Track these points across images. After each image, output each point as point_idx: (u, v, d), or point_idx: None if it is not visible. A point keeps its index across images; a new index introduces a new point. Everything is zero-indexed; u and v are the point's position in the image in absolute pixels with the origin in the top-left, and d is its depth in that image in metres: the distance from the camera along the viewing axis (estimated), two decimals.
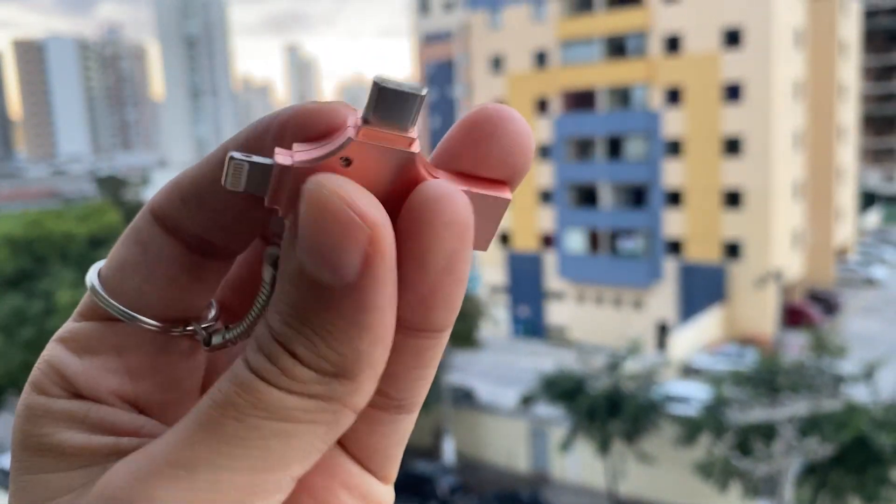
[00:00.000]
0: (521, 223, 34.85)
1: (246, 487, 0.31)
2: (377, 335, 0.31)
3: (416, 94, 0.31)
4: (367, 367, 0.31)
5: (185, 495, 0.30)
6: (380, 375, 0.32)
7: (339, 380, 0.31)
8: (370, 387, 0.32)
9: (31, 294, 20.45)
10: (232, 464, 0.30)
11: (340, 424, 0.32)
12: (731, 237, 29.89)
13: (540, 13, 33.41)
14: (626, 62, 31.41)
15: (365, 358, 0.31)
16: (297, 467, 0.32)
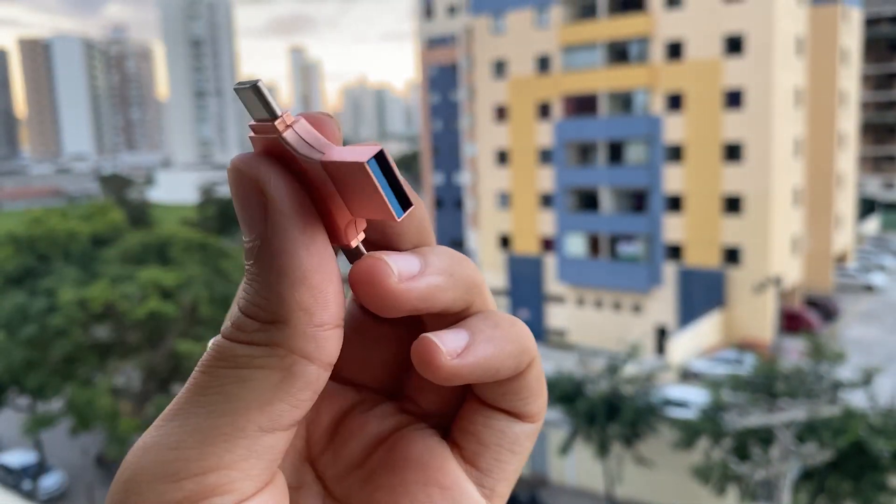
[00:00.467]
0: (522, 226, 34.96)
1: (208, 430, 0.35)
2: (294, 278, 0.35)
3: (250, 85, 0.36)
4: (297, 310, 0.35)
5: (160, 439, 0.35)
6: (327, 323, 0.36)
7: (275, 325, 0.36)
8: (316, 333, 0.36)
9: (33, 292, 20.53)
10: (198, 409, 0.35)
11: (295, 373, 0.36)
12: (730, 243, 29.97)
13: (543, 19, 33.55)
14: (627, 68, 31.52)
15: (289, 301, 0.35)
16: (257, 414, 0.35)
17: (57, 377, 19.73)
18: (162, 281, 19.02)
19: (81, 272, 21.20)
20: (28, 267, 21.90)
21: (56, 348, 19.16)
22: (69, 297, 18.68)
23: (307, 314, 0.35)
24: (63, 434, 22.88)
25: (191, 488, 0.34)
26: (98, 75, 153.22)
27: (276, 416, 0.35)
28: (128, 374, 21.70)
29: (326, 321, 0.36)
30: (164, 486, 0.34)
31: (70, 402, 19.13)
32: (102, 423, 18.90)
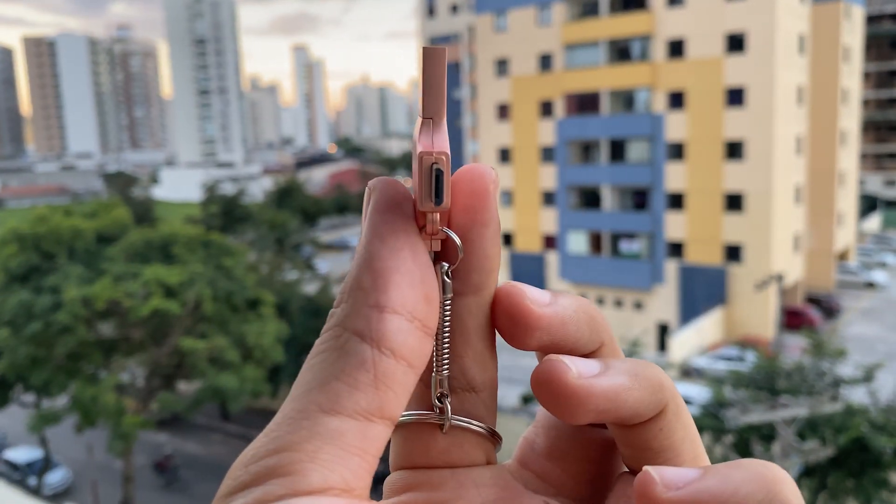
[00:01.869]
0: (524, 224, 35.05)
1: (279, 414, 0.37)
2: (361, 262, 0.38)
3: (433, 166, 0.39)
4: (356, 289, 0.37)
5: (284, 409, 0.36)
6: (384, 306, 0.37)
7: (339, 307, 0.38)
8: (370, 312, 0.37)
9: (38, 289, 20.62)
10: (298, 390, 0.37)
11: (347, 350, 0.36)
12: (732, 240, 30.02)
13: (545, 17, 33.61)
14: (629, 66, 31.58)
15: (351, 283, 0.38)
16: (316, 394, 0.36)
17: (62, 374, 19.83)
18: (166, 278, 19.10)
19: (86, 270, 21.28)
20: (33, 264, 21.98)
21: (61, 345, 19.25)
22: (74, 295, 18.77)
23: (364, 293, 0.37)
24: (68, 430, 23.03)
25: (255, 471, 0.35)
26: (102, 74, 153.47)
27: (334, 396, 0.35)
28: (132, 371, 21.84)
29: (383, 303, 0.36)
30: (238, 470, 0.35)
31: (75, 398, 19.25)
32: (107, 419, 19.02)
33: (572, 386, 0.38)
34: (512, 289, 0.40)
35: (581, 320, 0.41)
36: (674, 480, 0.37)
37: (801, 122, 31.79)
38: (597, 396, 0.38)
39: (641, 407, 0.40)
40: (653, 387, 0.40)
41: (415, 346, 0.37)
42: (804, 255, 33.49)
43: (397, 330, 0.36)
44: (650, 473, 0.37)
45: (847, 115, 38.09)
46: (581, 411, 0.38)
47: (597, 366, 0.40)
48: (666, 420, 0.41)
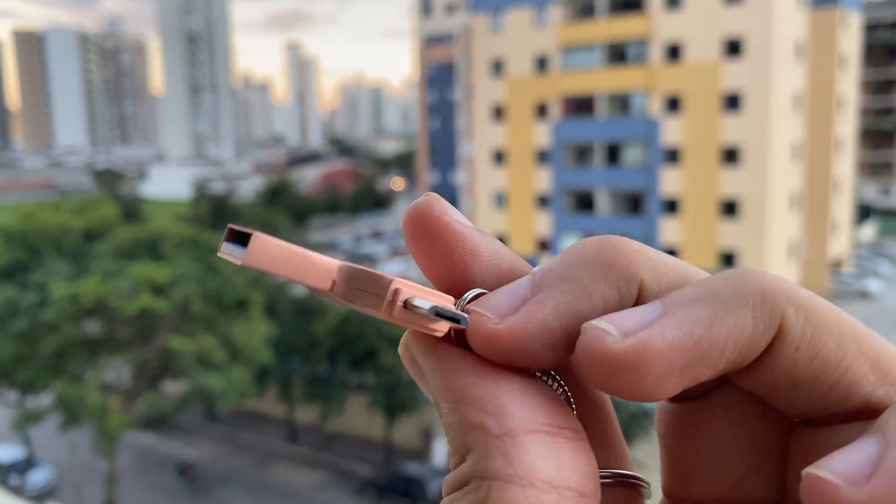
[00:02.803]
0: (518, 227, 34.86)
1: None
2: (455, 403, 0.30)
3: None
4: (471, 431, 0.30)
5: None
6: (513, 429, 0.29)
7: (463, 460, 0.30)
8: (502, 445, 0.28)
9: (24, 286, 20.34)
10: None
11: (493, 500, 0.28)
12: (727, 246, 29.92)
13: (542, 18, 33.43)
14: (626, 69, 31.44)
15: (461, 428, 0.31)
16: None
17: (46, 372, 19.55)
18: (154, 276, 18.84)
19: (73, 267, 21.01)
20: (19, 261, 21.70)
21: (46, 343, 18.98)
22: (62, 293, 18.49)
23: (483, 430, 0.28)
24: (53, 430, 22.68)
25: None
26: (92, 68, 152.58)
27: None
28: (118, 370, 21.52)
29: (511, 426, 0.28)
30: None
31: (59, 397, 18.95)
32: (92, 419, 18.72)
33: (618, 353, 0.27)
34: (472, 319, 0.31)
35: (591, 283, 0.30)
36: (854, 470, 0.24)
37: (797, 129, 31.74)
38: (662, 352, 0.27)
39: (744, 337, 0.28)
40: (750, 301, 0.28)
41: (575, 462, 0.28)
42: (799, 263, 33.42)
43: (546, 452, 0.27)
44: (817, 476, 0.25)
45: (843, 122, 38.09)
46: (650, 383, 0.27)
47: (651, 311, 0.28)
48: (795, 336, 0.28)
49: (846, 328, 0.28)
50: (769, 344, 0.28)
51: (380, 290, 0.30)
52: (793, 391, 0.29)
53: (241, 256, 0.29)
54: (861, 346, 0.28)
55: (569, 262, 0.31)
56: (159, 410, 20.63)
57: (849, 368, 0.28)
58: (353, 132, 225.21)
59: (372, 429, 23.93)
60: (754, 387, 0.30)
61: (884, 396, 0.28)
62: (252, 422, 25.93)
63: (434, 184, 45.60)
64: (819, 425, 0.30)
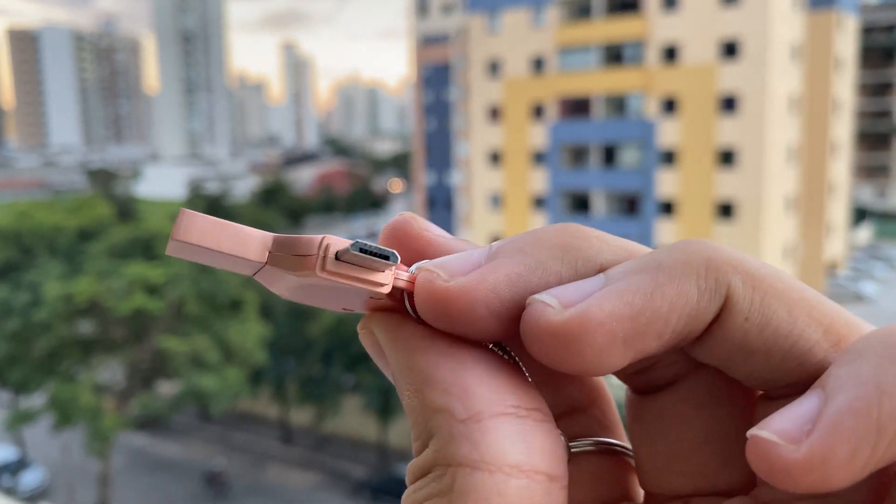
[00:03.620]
0: (514, 228, 34.79)
1: None
2: (418, 384, 0.30)
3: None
4: (434, 415, 0.29)
5: None
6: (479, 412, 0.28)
7: (426, 446, 0.30)
8: (466, 428, 0.28)
9: (17, 285, 20.23)
10: None
11: (459, 489, 0.27)
12: None
13: (539, 19, 33.38)
14: (622, 70, 31.41)
15: (424, 411, 0.30)
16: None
17: (40, 372, 19.43)
18: (148, 276, 18.75)
19: (67, 266, 20.91)
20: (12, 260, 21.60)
21: (39, 343, 18.87)
22: (55, 293, 18.39)
23: (447, 414, 0.27)
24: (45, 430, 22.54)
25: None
26: (87, 67, 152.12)
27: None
28: (112, 371, 21.41)
29: (477, 410, 0.27)
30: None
31: (52, 397, 18.83)
32: (85, 419, 18.61)
33: (557, 324, 0.26)
34: (420, 275, 0.30)
35: (547, 260, 0.29)
36: (793, 427, 0.24)
37: (793, 132, 31.75)
38: (602, 324, 0.26)
39: (688, 307, 0.27)
40: (693, 271, 0.27)
41: (545, 444, 0.27)
42: (795, 266, 33.42)
43: (513, 435, 0.26)
44: (758, 436, 0.24)
45: (839, 125, 38.13)
46: (592, 354, 0.26)
47: (591, 283, 0.27)
48: (743, 305, 0.27)
49: (796, 295, 0.27)
50: (717, 314, 0.27)
51: (312, 248, 0.29)
52: (748, 362, 0.28)
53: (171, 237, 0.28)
54: (812, 312, 0.27)
55: (528, 239, 0.30)
56: (153, 411, 20.52)
57: (801, 336, 0.27)
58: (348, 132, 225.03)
59: (366, 430, 23.86)
60: (710, 359, 0.29)
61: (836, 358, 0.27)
62: (246, 423, 25.83)
63: (430, 184, 45.50)
64: (779, 397, 0.29)
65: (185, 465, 23.39)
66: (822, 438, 0.23)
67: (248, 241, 0.29)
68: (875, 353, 0.24)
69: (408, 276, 0.30)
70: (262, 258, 0.30)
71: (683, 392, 0.31)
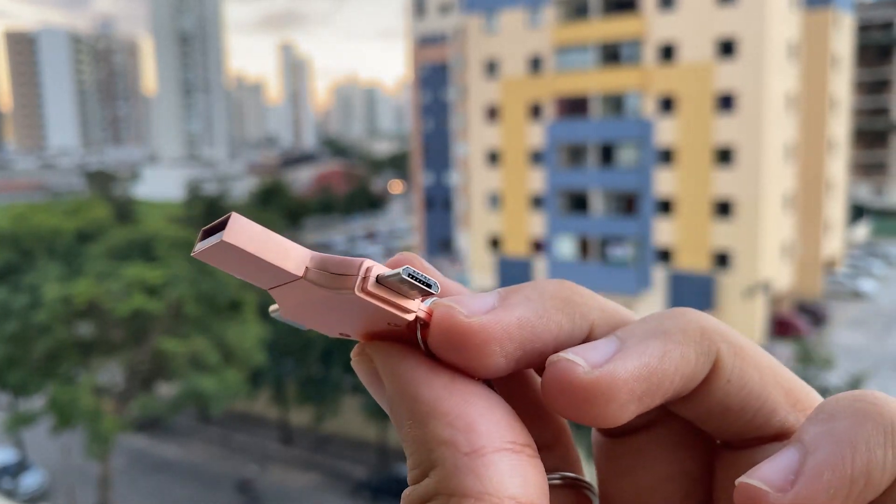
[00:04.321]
0: (512, 228, 34.80)
1: None
2: (422, 416, 0.31)
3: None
4: (439, 447, 0.31)
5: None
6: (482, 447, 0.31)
7: (428, 476, 0.32)
8: (471, 462, 0.30)
9: (16, 288, 20.21)
10: None
11: None
12: (720, 247, 29.92)
13: (535, 19, 33.39)
14: (620, 70, 31.42)
15: (428, 442, 0.32)
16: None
17: (39, 374, 19.42)
18: (147, 278, 18.74)
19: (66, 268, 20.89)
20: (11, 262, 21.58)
21: (39, 345, 18.86)
22: (54, 295, 18.37)
23: (452, 447, 0.29)
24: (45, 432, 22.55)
25: None
26: (85, 69, 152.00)
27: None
28: (111, 372, 21.40)
29: (480, 444, 0.29)
30: None
31: (52, 399, 18.83)
32: (84, 421, 18.60)
33: (586, 382, 0.29)
34: (442, 310, 0.32)
35: (551, 310, 0.33)
36: (779, 477, 0.28)
37: (790, 130, 31.77)
38: (625, 383, 0.30)
39: (688, 369, 0.31)
40: (692, 338, 0.32)
41: (536, 479, 0.30)
42: (792, 264, 33.46)
43: (511, 470, 0.29)
44: (748, 484, 0.28)
45: (836, 123, 38.16)
46: (614, 409, 0.30)
47: (610, 346, 0.32)
48: (727, 369, 0.32)
49: (766, 363, 0.33)
50: (706, 376, 0.32)
51: (353, 269, 0.30)
52: (723, 418, 0.33)
53: (219, 238, 0.29)
54: (777, 378, 0.33)
55: (533, 290, 0.34)
56: (152, 413, 20.53)
57: (768, 398, 0.32)
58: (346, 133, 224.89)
59: (366, 431, 23.87)
60: (690, 414, 0.34)
61: (795, 421, 0.33)
62: (246, 424, 25.83)
63: (428, 184, 45.52)
64: (739, 448, 0.34)
65: (185, 466, 23.40)
66: (806, 488, 0.27)
67: (290, 253, 0.30)
68: (846, 415, 0.29)
69: (425, 307, 0.32)
70: (300, 272, 0.30)
71: (653, 436, 0.36)
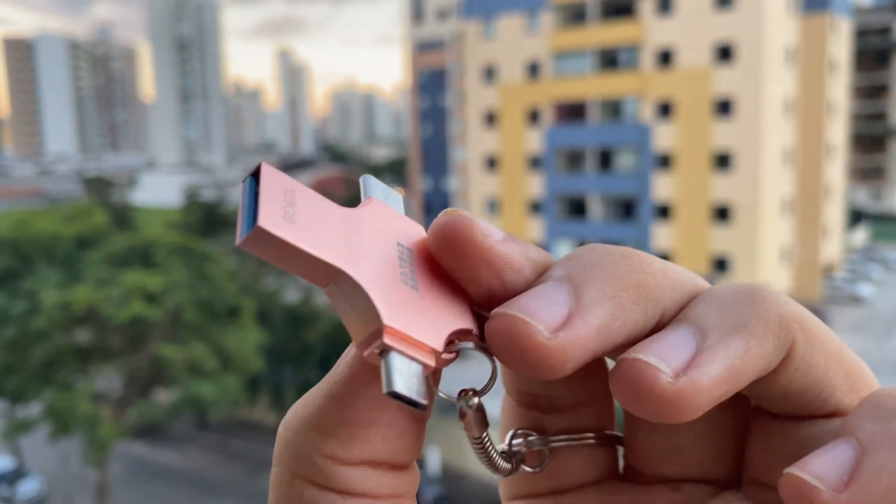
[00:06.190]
0: (511, 233, 34.76)
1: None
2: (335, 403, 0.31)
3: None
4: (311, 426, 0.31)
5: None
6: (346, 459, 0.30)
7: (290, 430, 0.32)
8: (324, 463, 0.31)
9: (14, 294, 20.18)
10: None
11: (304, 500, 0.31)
12: (719, 252, 29.94)
13: (533, 24, 33.45)
14: (618, 75, 31.48)
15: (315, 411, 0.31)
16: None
17: (37, 381, 19.37)
18: (146, 284, 18.71)
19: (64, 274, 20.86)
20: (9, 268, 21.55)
21: (36, 351, 18.82)
22: (53, 301, 18.33)
23: (321, 437, 0.29)
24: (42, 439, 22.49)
25: None
26: (83, 75, 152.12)
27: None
28: (109, 379, 21.35)
29: (339, 456, 0.29)
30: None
31: (50, 406, 18.78)
32: (82, 428, 18.55)
33: (671, 393, 0.27)
34: (510, 324, 0.28)
35: (627, 305, 0.29)
36: (834, 475, 0.26)
37: (788, 135, 31.82)
38: (708, 389, 0.28)
39: (764, 364, 0.29)
40: (772, 330, 0.29)
41: (390, 482, 0.30)
42: (791, 268, 33.48)
43: (363, 479, 0.29)
44: (800, 477, 0.26)
45: (834, 127, 38.21)
46: (690, 414, 0.28)
47: (690, 342, 0.28)
48: (799, 357, 0.30)
49: (832, 347, 0.30)
50: (778, 364, 0.30)
51: (371, 319, 0.27)
52: (781, 399, 0.31)
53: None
54: (840, 360, 0.31)
55: (606, 277, 0.30)
56: (150, 419, 20.48)
57: (830, 382, 0.30)
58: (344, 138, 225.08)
59: None
60: (748, 393, 0.31)
61: (850, 403, 0.31)
62: (244, 430, 25.77)
63: (426, 190, 45.52)
64: (781, 418, 0.32)
65: (184, 473, 23.34)
66: (862, 490, 0.25)
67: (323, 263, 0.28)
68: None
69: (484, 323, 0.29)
70: (324, 284, 0.29)
71: None
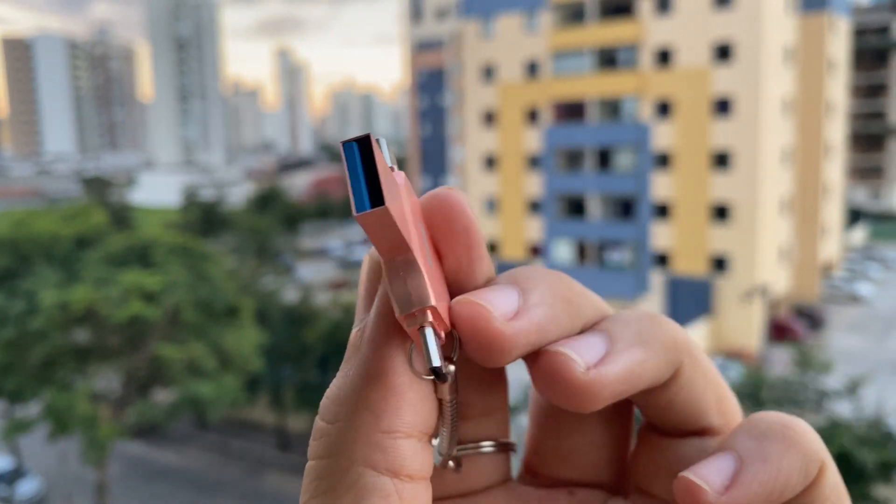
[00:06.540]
0: (510, 232, 34.81)
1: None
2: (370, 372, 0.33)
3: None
4: (363, 410, 0.33)
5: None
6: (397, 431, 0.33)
7: (335, 423, 0.34)
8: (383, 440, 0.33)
9: (13, 294, 20.17)
10: None
11: (365, 487, 0.33)
12: (718, 251, 29.94)
13: (532, 24, 33.43)
14: (616, 74, 31.46)
15: (355, 397, 0.34)
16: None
17: (35, 381, 19.36)
18: (144, 284, 18.70)
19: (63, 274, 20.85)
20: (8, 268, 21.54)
21: (35, 351, 18.80)
22: (52, 301, 18.32)
23: (374, 416, 0.32)
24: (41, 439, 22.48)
25: None
26: (81, 75, 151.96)
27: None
28: (108, 379, 21.34)
29: (397, 428, 0.32)
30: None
31: (48, 406, 18.76)
32: (81, 428, 18.54)
33: (582, 382, 0.33)
34: (474, 310, 0.33)
35: (559, 312, 0.35)
36: (718, 480, 0.34)
37: (787, 134, 31.82)
38: (611, 384, 0.34)
39: (657, 375, 0.36)
40: (666, 349, 0.36)
41: (427, 461, 0.33)
42: (790, 267, 33.48)
43: (414, 454, 0.32)
44: (692, 480, 0.34)
45: (833, 127, 38.23)
46: (595, 403, 0.34)
47: (601, 346, 0.35)
48: (685, 377, 0.37)
49: (711, 374, 0.38)
50: (665, 381, 0.37)
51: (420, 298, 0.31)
52: (664, 410, 0.39)
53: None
54: (715, 387, 0.39)
55: (546, 288, 0.35)
56: (149, 419, 20.47)
57: (705, 402, 0.38)
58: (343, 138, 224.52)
59: None
60: (637, 401, 0.39)
61: (718, 424, 0.39)
62: (243, 430, 25.76)
63: (425, 189, 45.40)
64: (663, 434, 0.40)
65: (183, 473, 23.32)
66: (739, 494, 0.33)
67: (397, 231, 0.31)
68: (778, 439, 0.35)
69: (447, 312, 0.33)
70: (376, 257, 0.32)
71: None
